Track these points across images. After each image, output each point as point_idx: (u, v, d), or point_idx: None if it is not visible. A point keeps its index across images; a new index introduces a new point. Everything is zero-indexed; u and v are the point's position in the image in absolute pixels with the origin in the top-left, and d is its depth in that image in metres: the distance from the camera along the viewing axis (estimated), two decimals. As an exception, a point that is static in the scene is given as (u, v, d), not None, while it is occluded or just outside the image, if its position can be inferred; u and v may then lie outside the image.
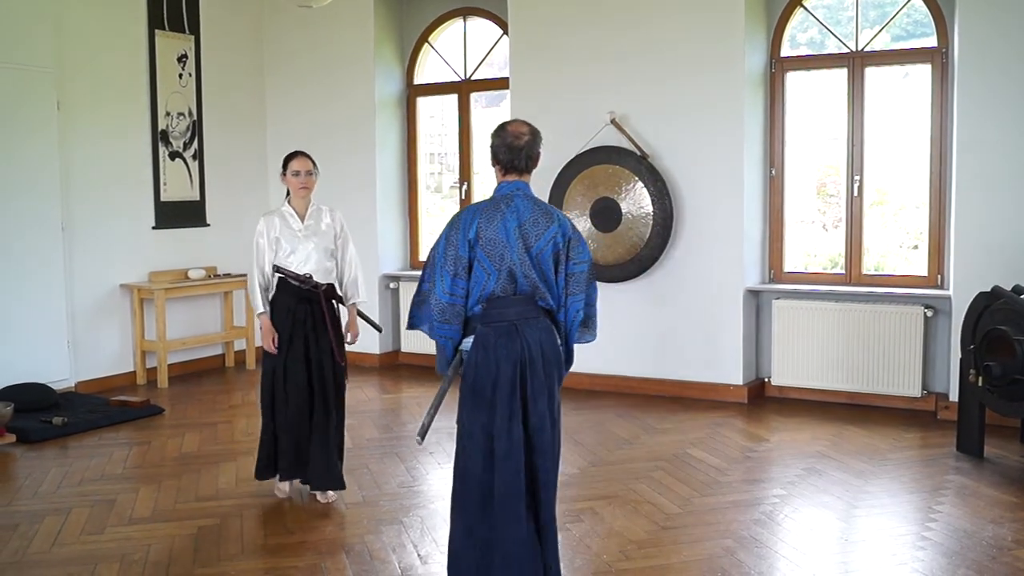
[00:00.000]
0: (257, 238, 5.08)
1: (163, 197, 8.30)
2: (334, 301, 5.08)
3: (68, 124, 7.53)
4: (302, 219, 5.08)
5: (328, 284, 5.05)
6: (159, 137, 8.23)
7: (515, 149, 3.77)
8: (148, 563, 4.26)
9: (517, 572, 3.57)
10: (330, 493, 5.04)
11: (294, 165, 5.07)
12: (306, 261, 5.01)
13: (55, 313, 7.44)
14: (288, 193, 5.15)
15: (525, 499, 3.63)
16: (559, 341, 3.82)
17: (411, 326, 3.76)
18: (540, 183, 7.62)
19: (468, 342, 3.70)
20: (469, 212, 3.73)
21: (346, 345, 5.16)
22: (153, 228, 8.19)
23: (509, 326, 3.66)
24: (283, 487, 5.14)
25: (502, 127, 3.83)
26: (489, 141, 3.83)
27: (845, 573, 4.08)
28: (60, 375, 7.46)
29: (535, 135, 3.84)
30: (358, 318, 5.23)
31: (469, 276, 3.66)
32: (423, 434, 3.63)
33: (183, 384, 8.03)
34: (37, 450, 6.10)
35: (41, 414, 6.67)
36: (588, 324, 3.89)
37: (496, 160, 3.80)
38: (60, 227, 7.45)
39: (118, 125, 7.95)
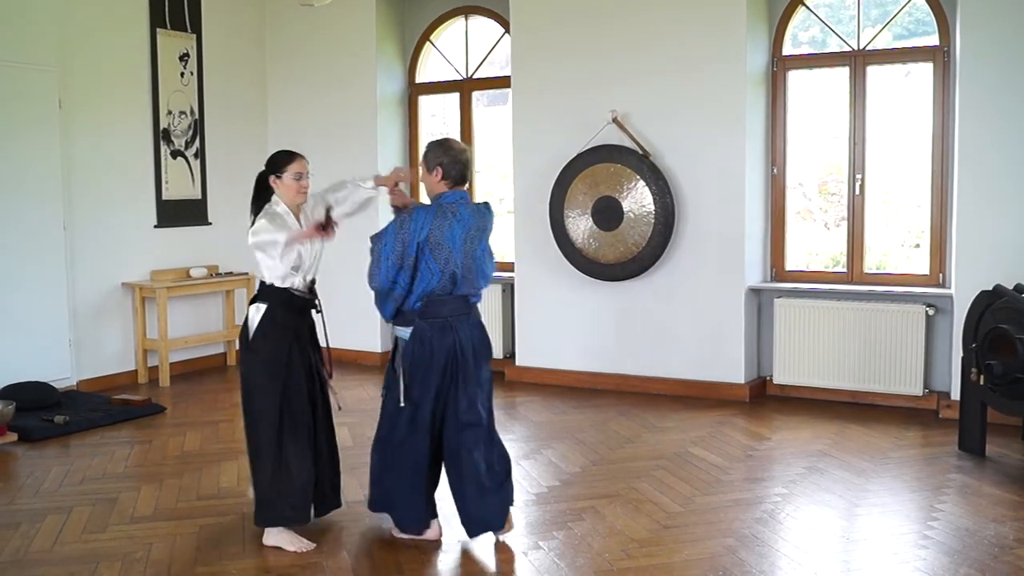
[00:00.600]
0: (261, 220, 4.47)
1: (165, 196, 8.30)
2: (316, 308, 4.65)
3: (70, 122, 7.54)
4: (299, 224, 4.58)
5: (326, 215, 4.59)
6: (161, 135, 8.24)
7: (463, 164, 4.35)
8: (150, 562, 4.26)
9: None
10: None
11: (296, 168, 4.56)
12: (312, 267, 4.60)
13: (57, 312, 7.44)
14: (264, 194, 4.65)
15: (428, 460, 4.41)
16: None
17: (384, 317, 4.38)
18: (543, 181, 7.63)
19: (406, 331, 4.32)
20: (420, 215, 4.23)
21: (328, 350, 4.81)
22: (155, 227, 8.20)
23: (444, 322, 4.31)
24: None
25: (446, 144, 4.37)
26: (431, 155, 4.35)
27: (847, 572, 4.08)
28: (62, 374, 7.47)
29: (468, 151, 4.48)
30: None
31: (414, 273, 4.25)
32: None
33: (185, 383, 8.04)
34: (39, 449, 6.10)
35: (43, 413, 6.68)
36: None
37: (447, 175, 4.32)
38: (62, 225, 7.45)
39: (120, 123, 7.95)
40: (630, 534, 4.50)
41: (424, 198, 4.80)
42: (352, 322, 8.73)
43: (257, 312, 4.45)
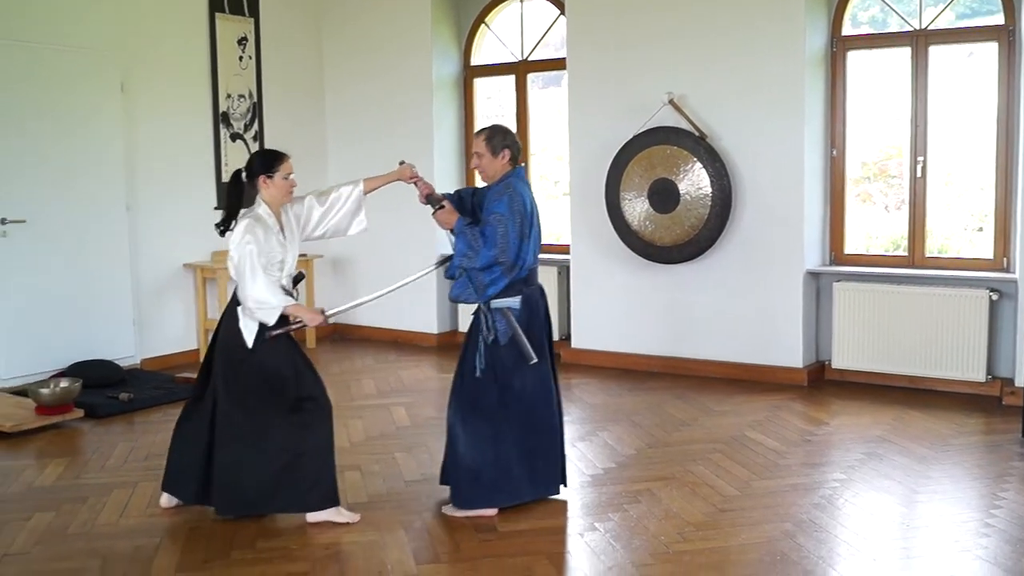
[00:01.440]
0: (247, 246, 4.37)
1: (224, 178, 8.41)
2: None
3: (132, 106, 7.67)
4: (280, 225, 4.55)
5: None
6: (220, 119, 8.35)
7: (520, 147, 4.72)
8: (212, 536, 4.35)
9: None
10: None
11: (287, 168, 4.54)
12: (293, 265, 4.60)
13: (121, 292, 7.59)
14: (235, 192, 4.64)
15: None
16: None
17: (485, 296, 4.50)
18: (598, 163, 7.62)
19: (514, 300, 4.52)
20: (520, 188, 4.56)
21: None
22: (215, 208, 8.31)
23: (540, 289, 4.70)
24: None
25: (506, 129, 4.71)
26: (502, 139, 4.61)
27: (906, 559, 4.05)
28: (126, 352, 7.63)
29: None
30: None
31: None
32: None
33: (244, 362, 8.15)
34: (104, 425, 6.25)
35: (108, 390, 6.83)
36: None
37: (513, 153, 4.63)
38: (125, 207, 7.60)
39: (180, 107, 8.07)
40: (686, 517, 4.51)
41: (444, 185, 4.82)
42: (409, 304, 8.81)
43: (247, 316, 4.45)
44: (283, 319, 4.44)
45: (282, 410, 4.47)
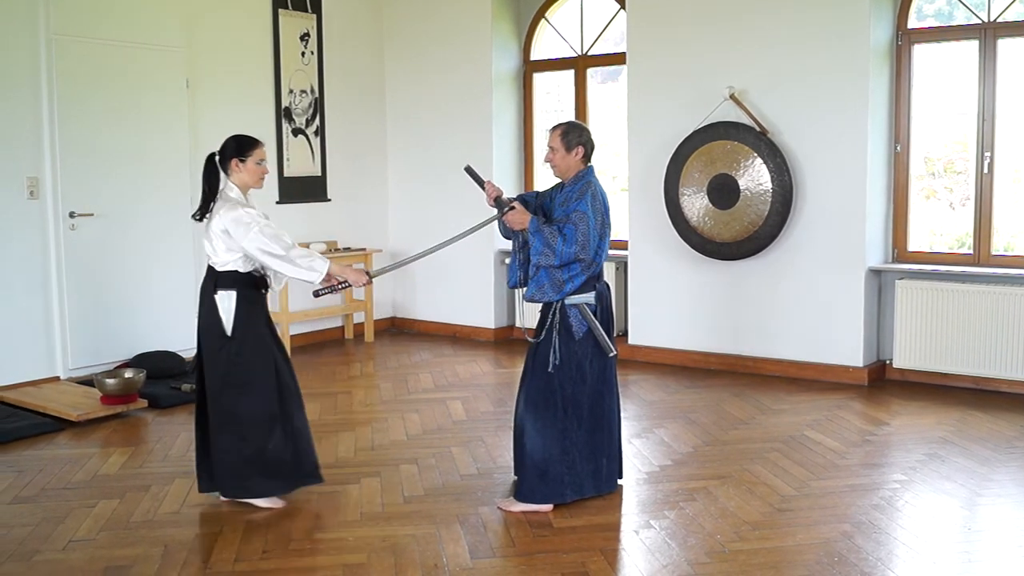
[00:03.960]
0: (258, 218, 4.52)
1: (286, 173, 8.53)
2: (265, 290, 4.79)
3: (196, 101, 7.79)
4: None
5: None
6: (282, 114, 8.45)
7: (594, 144, 4.75)
8: (271, 526, 4.42)
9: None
10: None
11: (260, 154, 4.65)
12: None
13: (185, 285, 7.72)
14: (211, 179, 4.67)
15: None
16: None
17: (563, 293, 4.55)
18: (657, 159, 7.58)
19: (589, 296, 4.59)
20: (598, 187, 4.63)
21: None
22: (277, 203, 8.41)
23: (606, 284, 4.75)
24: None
25: (582, 125, 4.74)
26: (577, 136, 4.65)
27: (968, 563, 3.98)
28: (189, 344, 7.73)
29: None
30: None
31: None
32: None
33: (304, 355, 8.27)
34: (167, 415, 6.37)
35: (171, 381, 6.97)
36: None
37: (587, 151, 4.68)
38: (189, 201, 7.72)
39: (243, 102, 8.18)
40: (743, 516, 4.47)
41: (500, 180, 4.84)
42: (467, 299, 8.86)
43: (228, 300, 4.56)
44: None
45: (259, 397, 4.59)
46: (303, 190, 8.67)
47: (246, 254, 4.55)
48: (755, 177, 7.09)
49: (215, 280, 4.61)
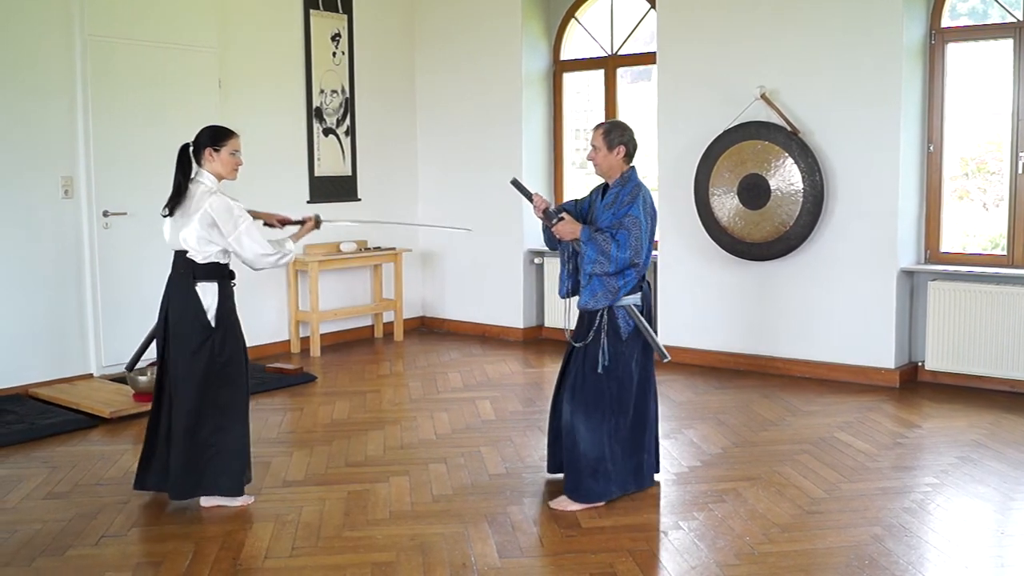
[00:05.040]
0: (246, 213, 4.69)
1: (317, 172, 8.57)
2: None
3: (229, 101, 7.84)
4: None
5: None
6: (313, 114, 8.50)
7: (636, 143, 4.78)
8: (300, 524, 4.45)
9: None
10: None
11: (234, 144, 4.67)
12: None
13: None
14: (188, 167, 4.69)
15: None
16: None
17: (617, 299, 4.57)
18: (687, 159, 7.56)
19: (635, 297, 4.61)
20: (645, 190, 4.66)
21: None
22: (307, 202, 8.46)
23: (648, 284, 4.76)
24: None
25: (624, 124, 4.79)
26: (619, 135, 4.69)
27: (1000, 567, 3.94)
28: (220, 342, 7.81)
29: None
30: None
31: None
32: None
33: (334, 353, 8.31)
34: (199, 413, 6.41)
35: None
36: None
37: (629, 150, 4.72)
38: (221, 201, 7.77)
39: (275, 102, 8.24)
40: (772, 518, 4.45)
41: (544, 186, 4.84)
42: (496, 299, 8.87)
43: (210, 292, 4.62)
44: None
45: (241, 388, 4.68)
46: (333, 190, 8.71)
47: (231, 250, 4.62)
48: (786, 177, 7.05)
49: (193, 271, 4.60)
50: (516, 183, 4.91)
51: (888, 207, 6.83)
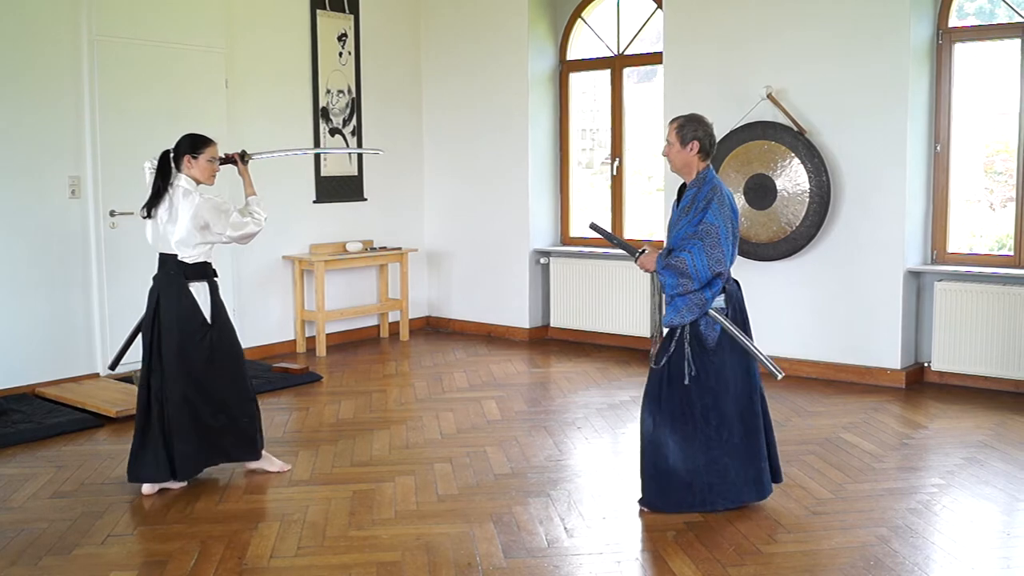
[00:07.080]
0: (230, 203, 5.05)
1: (323, 172, 8.58)
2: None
3: (236, 101, 7.86)
4: None
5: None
6: (320, 114, 8.51)
7: (714, 137, 4.55)
8: (306, 523, 4.45)
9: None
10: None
11: (212, 151, 4.94)
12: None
13: (223, 283, 7.70)
14: (169, 170, 4.90)
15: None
16: None
17: (706, 309, 4.44)
18: (693, 160, 7.54)
19: (720, 299, 4.44)
20: (725, 191, 4.44)
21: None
22: (314, 202, 8.47)
23: (735, 282, 4.57)
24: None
25: (699, 118, 4.53)
26: (692, 130, 4.48)
27: (1007, 568, 3.93)
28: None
29: None
30: None
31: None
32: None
33: (340, 353, 8.32)
34: (205, 412, 6.42)
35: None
36: None
37: (703, 148, 4.48)
38: (227, 199, 7.77)
39: (281, 102, 8.24)
40: (777, 518, 4.45)
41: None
42: (502, 299, 8.87)
43: (203, 290, 4.95)
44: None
45: (244, 375, 5.08)
46: (340, 190, 8.72)
47: (228, 239, 4.94)
48: (792, 177, 7.04)
49: (184, 272, 4.88)
50: (595, 227, 4.80)
51: (895, 208, 6.81)
